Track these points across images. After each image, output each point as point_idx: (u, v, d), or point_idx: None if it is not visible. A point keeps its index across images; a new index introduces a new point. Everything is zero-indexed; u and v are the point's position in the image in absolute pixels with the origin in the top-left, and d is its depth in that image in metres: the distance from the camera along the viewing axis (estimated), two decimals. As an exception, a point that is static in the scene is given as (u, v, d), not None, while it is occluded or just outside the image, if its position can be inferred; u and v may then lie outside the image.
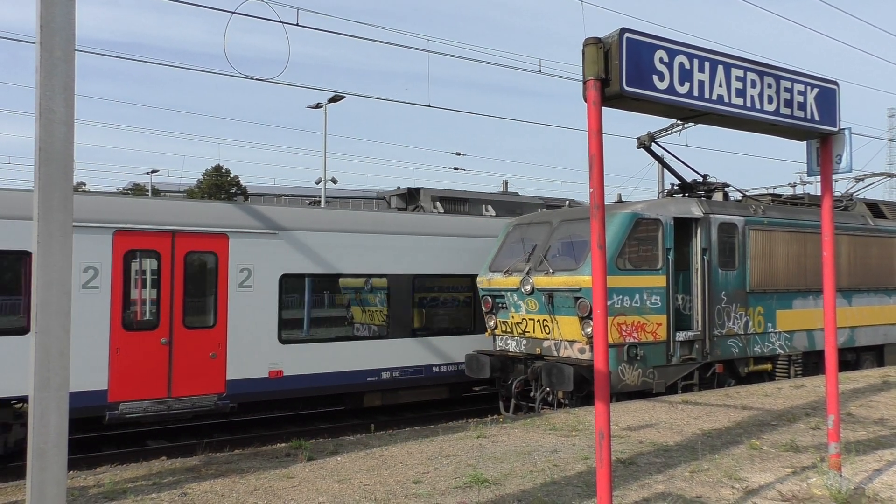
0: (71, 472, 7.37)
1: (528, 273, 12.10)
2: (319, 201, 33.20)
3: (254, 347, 11.75)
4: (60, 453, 3.56)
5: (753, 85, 5.33)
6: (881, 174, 15.71)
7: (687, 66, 4.89)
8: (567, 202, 15.72)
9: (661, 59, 4.73)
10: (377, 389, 13.29)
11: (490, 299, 12.99)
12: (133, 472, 7.51)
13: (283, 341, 12.07)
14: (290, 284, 12.31)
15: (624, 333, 11.23)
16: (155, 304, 11.02)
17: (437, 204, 15.05)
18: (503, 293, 12.67)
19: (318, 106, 33.29)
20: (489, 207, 15.59)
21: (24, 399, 10.17)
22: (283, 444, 9.26)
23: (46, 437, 3.50)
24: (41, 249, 3.51)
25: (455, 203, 15.43)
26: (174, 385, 11.00)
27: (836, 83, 6.03)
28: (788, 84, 5.61)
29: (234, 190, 54.97)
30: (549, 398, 11.85)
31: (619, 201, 13.53)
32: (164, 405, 10.92)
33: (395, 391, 13.57)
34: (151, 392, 10.84)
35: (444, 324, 14.13)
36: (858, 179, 15.65)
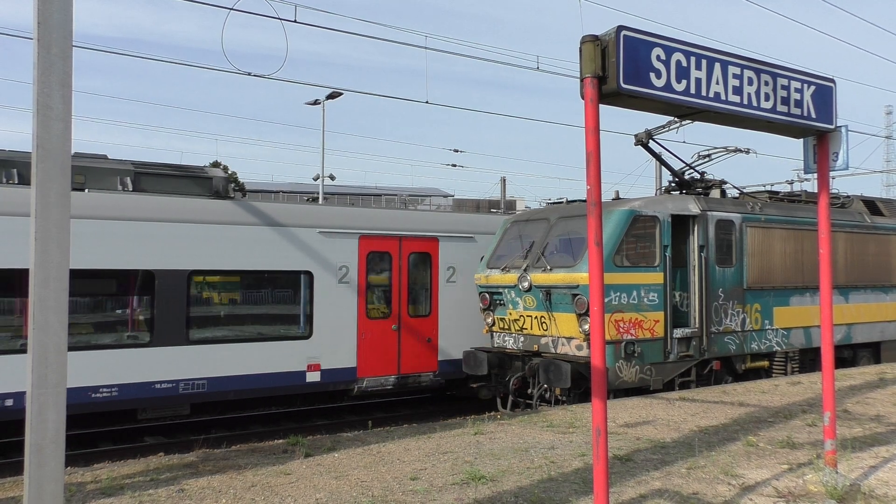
0: (68, 468, 7.38)
1: (525, 270, 12.11)
2: (317, 198, 33.16)
3: None
4: (58, 450, 3.56)
5: (750, 82, 5.34)
6: (725, 148, 14.83)
7: (684, 63, 4.90)
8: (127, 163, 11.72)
9: (658, 57, 4.74)
10: None
11: (487, 296, 13.00)
12: (130, 468, 7.51)
13: None
14: None
15: (621, 330, 11.25)
16: None
17: None
18: (501, 290, 12.68)
19: (315, 102, 33.27)
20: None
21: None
22: (281, 441, 9.28)
23: (44, 433, 3.51)
24: (38, 246, 3.51)
25: None
26: None
27: (832, 80, 6.04)
28: (785, 81, 5.62)
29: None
30: (547, 395, 11.87)
31: (617, 198, 13.55)
32: None
33: None
34: None
35: None
36: (704, 156, 15.02)
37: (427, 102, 18.44)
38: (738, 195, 14.75)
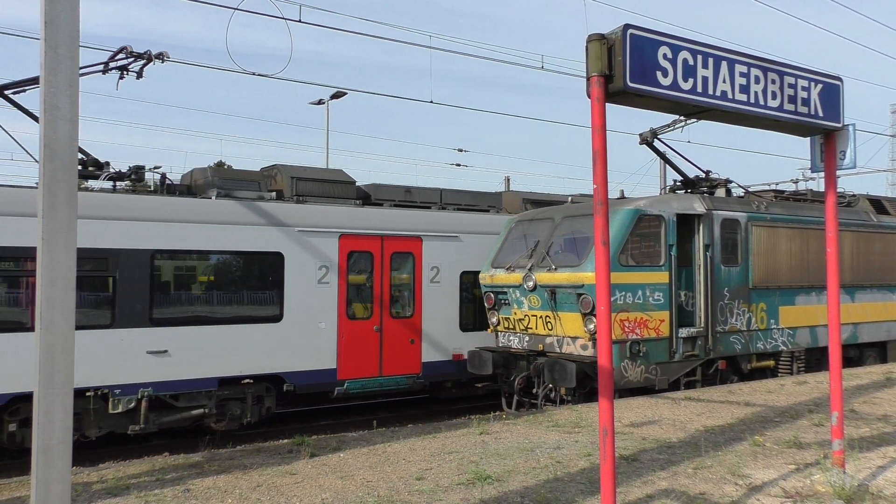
0: (74, 468, 7.38)
1: (530, 269, 12.09)
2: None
3: None
4: (65, 450, 3.56)
5: (757, 81, 5.32)
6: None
7: (691, 62, 4.88)
8: None
9: (664, 56, 4.72)
10: None
11: (492, 296, 12.98)
12: (136, 468, 7.52)
13: None
14: None
15: (627, 330, 11.23)
16: None
17: None
18: (506, 289, 12.66)
19: (320, 102, 33.25)
20: None
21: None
22: (286, 441, 9.27)
23: (51, 433, 3.50)
24: (46, 246, 3.51)
25: None
26: None
27: (839, 79, 6.02)
28: (792, 80, 5.60)
29: None
30: (552, 395, 11.85)
31: (622, 197, 13.53)
32: None
33: None
34: None
35: None
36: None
37: (431, 102, 18.49)
38: (743, 194, 14.72)
